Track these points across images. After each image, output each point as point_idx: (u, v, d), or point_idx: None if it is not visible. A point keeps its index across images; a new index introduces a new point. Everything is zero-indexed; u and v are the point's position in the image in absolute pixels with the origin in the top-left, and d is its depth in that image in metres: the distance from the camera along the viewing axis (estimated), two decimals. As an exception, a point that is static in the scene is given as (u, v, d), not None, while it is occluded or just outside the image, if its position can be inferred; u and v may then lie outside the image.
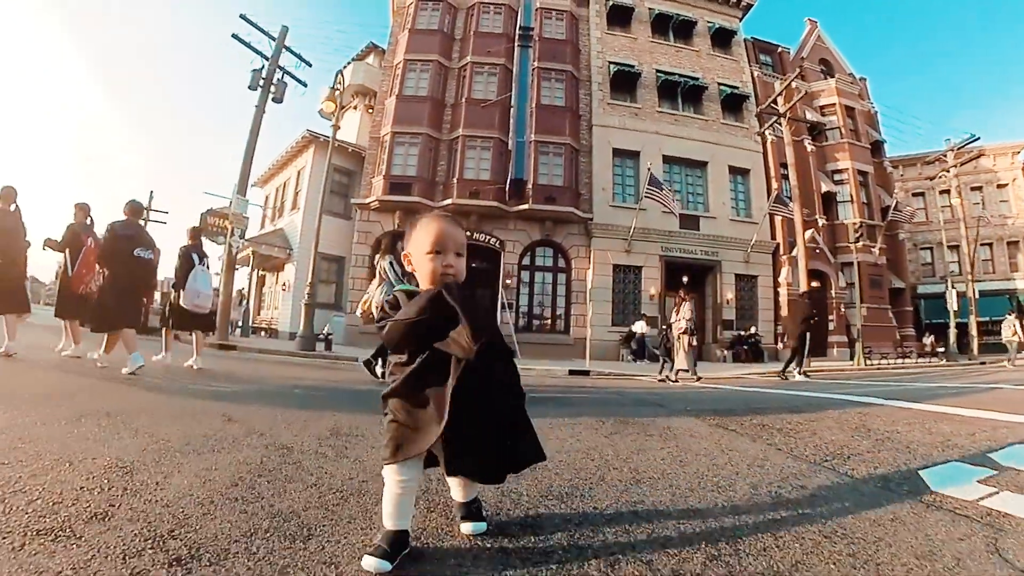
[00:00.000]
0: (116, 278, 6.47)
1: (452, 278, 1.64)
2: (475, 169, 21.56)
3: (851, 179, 26.34)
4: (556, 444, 3.40)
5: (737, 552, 1.69)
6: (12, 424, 2.99)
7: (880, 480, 2.72)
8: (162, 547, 1.55)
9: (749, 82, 25.83)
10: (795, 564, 1.62)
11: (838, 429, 4.20)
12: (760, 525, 1.97)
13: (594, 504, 2.18)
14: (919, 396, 6.94)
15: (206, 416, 3.76)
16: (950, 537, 1.89)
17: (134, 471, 2.29)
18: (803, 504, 2.27)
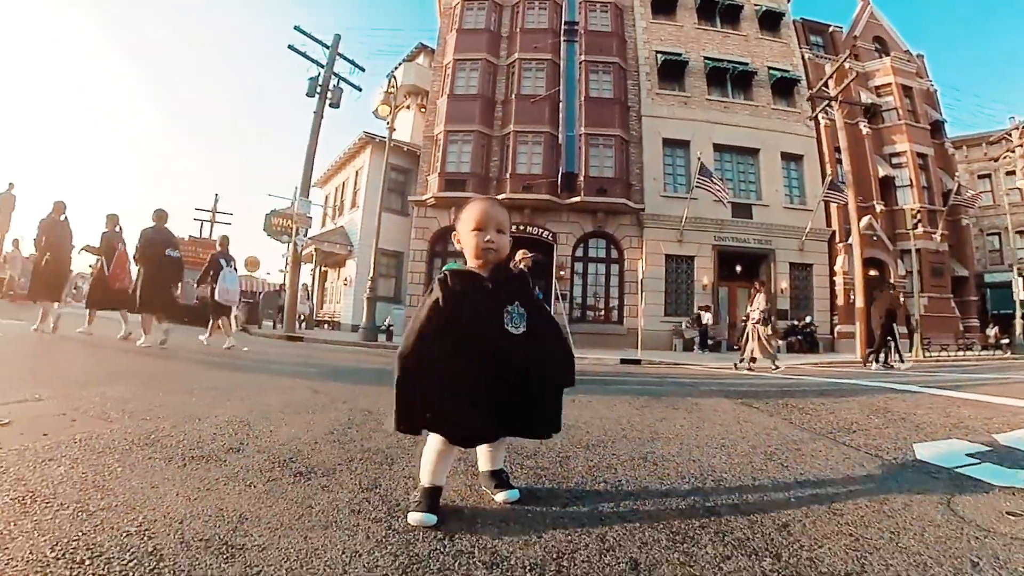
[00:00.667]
0: (149, 273, 7.94)
1: (494, 253, 1.81)
2: (527, 164, 22.00)
3: (910, 162, 25.34)
4: (592, 412, 3.99)
5: (717, 488, 2.17)
6: (141, 395, 3.64)
7: (872, 448, 2.99)
8: (287, 467, 2.17)
9: (800, 65, 25.34)
10: (761, 499, 2.06)
11: (857, 410, 4.43)
12: (746, 472, 2.44)
13: (614, 452, 2.75)
14: (960, 385, 6.83)
15: (295, 390, 4.49)
16: (909, 490, 2.20)
17: (251, 424, 2.95)
18: (790, 461, 2.65)
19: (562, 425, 1.87)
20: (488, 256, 1.81)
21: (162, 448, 2.30)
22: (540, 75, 23.26)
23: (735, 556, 1.47)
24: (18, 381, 3.64)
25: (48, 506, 1.55)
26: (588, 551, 1.49)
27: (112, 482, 1.82)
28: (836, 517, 1.83)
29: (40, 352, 5.92)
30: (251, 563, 1.29)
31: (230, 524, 1.51)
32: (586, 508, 1.85)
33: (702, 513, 1.84)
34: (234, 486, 1.87)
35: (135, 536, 1.40)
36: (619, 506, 1.88)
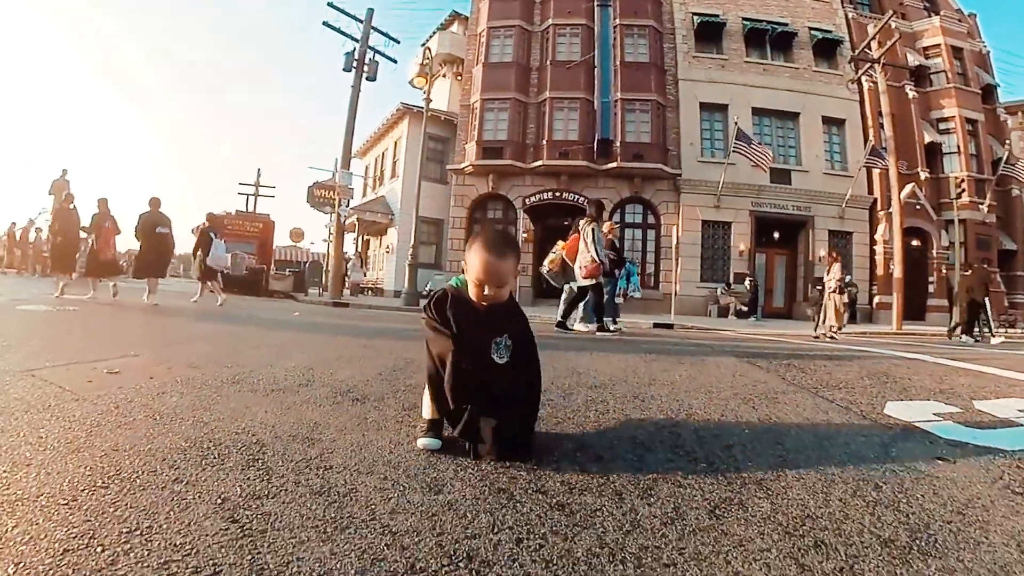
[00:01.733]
0: (144, 247, 10.17)
1: (491, 300, 1.91)
2: (563, 130, 22.17)
3: (958, 128, 24.04)
4: (603, 363, 4.53)
5: (688, 420, 2.60)
6: (216, 351, 4.23)
7: (846, 402, 3.19)
8: (346, 395, 2.75)
9: (843, 25, 24.51)
10: (721, 430, 2.45)
11: (854, 372, 4.57)
12: (718, 411, 2.85)
13: (611, 392, 3.21)
14: (975, 357, 6.53)
15: (347, 345, 5.16)
16: (854, 432, 2.47)
17: (313, 368, 3.51)
18: (761, 406, 3.01)
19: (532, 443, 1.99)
20: (484, 303, 1.92)
21: (247, 384, 2.88)
22: (575, 40, 23.24)
23: (677, 460, 1.94)
24: (104, 343, 4.24)
25: (173, 420, 2.09)
26: (563, 449, 1.99)
27: (215, 405, 2.38)
28: (777, 446, 2.20)
29: (96, 321, 6.61)
30: (327, 448, 1.85)
31: (308, 427, 2.08)
32: (573, 427, 2.35)
33: (665, 434, 2.32)
34: (307, 406, 2.45)
35: (242, 434, 1.96)
36: (600, 426, 2.40)
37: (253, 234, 21.35)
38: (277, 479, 1.54)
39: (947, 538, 1.37)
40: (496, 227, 2.86)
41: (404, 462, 1.77)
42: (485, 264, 1.85)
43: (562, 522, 1.38)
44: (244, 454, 1.74)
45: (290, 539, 1.18)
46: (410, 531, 1.27)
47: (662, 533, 1.34)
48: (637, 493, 1.61)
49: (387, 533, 1.25)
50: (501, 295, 1.92)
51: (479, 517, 1.38)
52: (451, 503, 1.46)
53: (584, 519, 1.41)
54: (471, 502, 1.47)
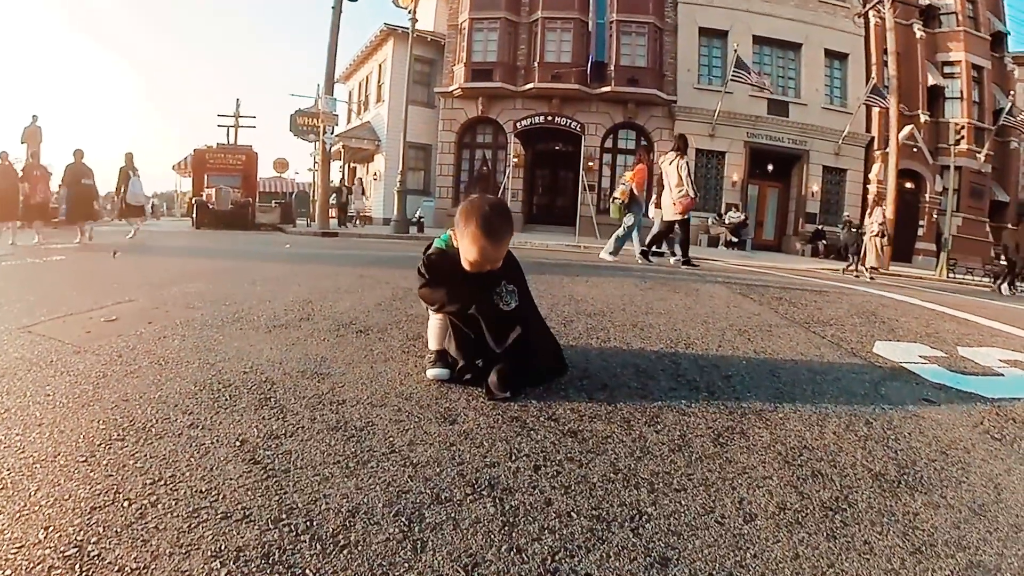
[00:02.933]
0: (72, 195, 11.29)
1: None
2: (556, 52, 21.40)
3: (963, 73, 23.22)
4: (600, 291, 4.61)
5: (687, 350, 2.69)
6: (213, 289, 4.09)
7: (837, 339, 3.26)
8: (349, 328, 2.77)
9: (853, -49, 23.36)
10: (719, 360, 2.52)
11: (843, 309, 4.62)
12: (715, 342, 2.93)
13: (611, 320, 3.29)
14: (961, 305, 6.36)
15: (342, 276, 5.11)
16: (846, 369, 2.55)
17: (312, 302, 3.52)
18: (757, 338, 3.08)
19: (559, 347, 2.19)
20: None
21: (248, 322, 2.85)
22: (570, -45, 22.00)
23: (680, 388, 2.03)
24: (97, 291, 4.02)
25: (179, 365, 2.07)
26: (569, 376, 2.04)
27: (218, 346, 2.36)
28: (773, 378, 2.29)
29: (85, 268, 6.41)
30: (337, 382, 1.89)
31: (315, 362, 2.11)
32: (576, 355, 2.39)
33: (667, 362, 2.38)
34: (312, 341, 2.46)
35: (250, 373, 1.97)
36: (602, 353, 2.45)
37: (236, 167, 20.78)
38: (292, 417, 1.56)
39: (932, 475, 1.46)
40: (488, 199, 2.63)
41: (416, 393, 1.80)
42: (482, 250, 1.80)
43: (575, 449, 1.44)
44: (255, 393, 1.76)
45: (314, 477, 1.21)
46: (430, 462, 1.32)
47: (671, 460, 1.42)
48: (644, 420, 1.68)
49: (408, 465, 1.29)
50: (498, 266, 1.90)
51: (495, 446, 1.43)
52: (467, 433, 1.50)
53: (596, 446, 1.47)
54: (486, 431, 1.52)
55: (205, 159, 21.05)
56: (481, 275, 1.88)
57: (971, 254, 21.38)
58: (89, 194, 11.50)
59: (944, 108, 23.66)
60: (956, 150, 20.06)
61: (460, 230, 1.85)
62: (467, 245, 1.82)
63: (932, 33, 23.72)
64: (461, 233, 1.84)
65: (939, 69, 23.70)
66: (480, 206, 1.83)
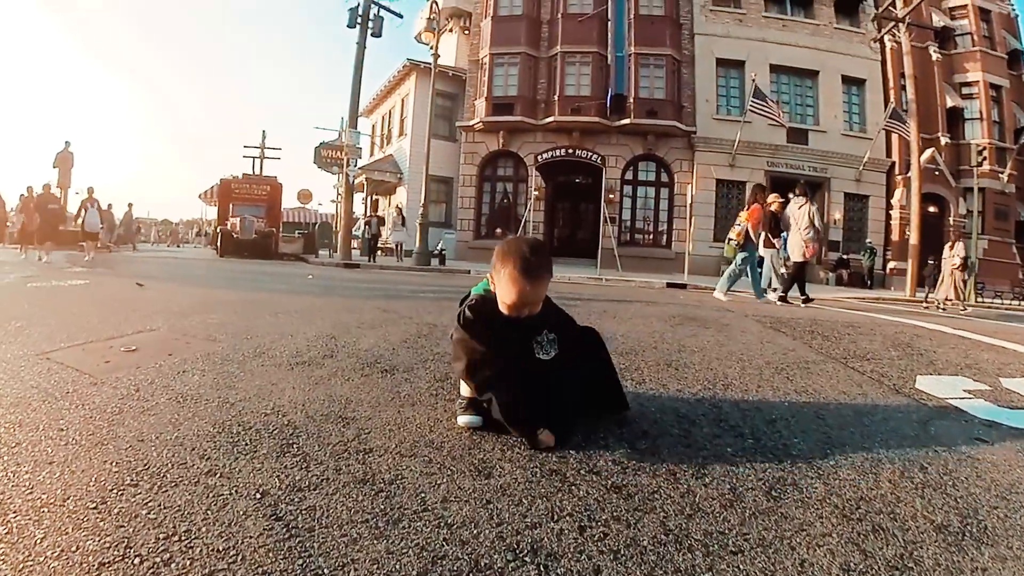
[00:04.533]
0: (43, 221, 13.21)
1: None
2: (575, 85, 21.65)
3: (982, 93, 23.15)
4: (629, 327, 4.51)
5: (726, 391, 2.56)
6: (235, 320, 4.04)
7: (877, 375, 3.12)
8: (374, 367, 2.68)
9: (866, -20, 23.50)
10: (761, 401, 2.43)
11: (879, 342, 4.46)
12: (754, 381, 2.80)
13: (643, 359, 3.17)
14: (997, 332, 6.11)
15: (366, 310, 5.03)
16: (895, 409, 2.41)
17: (336, 337, 3.45)
18: (796, 376, 2.96)
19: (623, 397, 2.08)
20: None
21: (270, 358, 2.79)
22: (588, -8, 22.42)
23: (724, 435, 1.90)
24: (119, 318, 4.00)
25: (198, 402, 1.99)
26: (606, 423, 1.93)
27: (239, 383, 2.29)
28: (819, 420, 2.17)
29: (106, 294, 6.52)
30: (362, 428, 1.79)
31: (340, 404, 2.03)
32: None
33: (707, 406, 2.26)
34: (336, 380, 2.38)
35: (271, 415, 1.88)
36: (639, 397, 2.33)
37: (261, 197, 21.11)
38: (316, 466, 1.47)
39: (996, 524, 1.36)
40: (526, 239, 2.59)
41: (447, 442, 1.70)
42: (522, 293, 1.73)
43: (622, 507, 1.34)
44: (277, 438, 1.67)
45: (340, 537, 1.12)
46: (466, 522, 1.22)
47: (723, 517, 1.31)
48: (691, 472, 1.57)
49: (443, 525, 1.19)
50: (536, 311, 1.81)
51: (536, 503, 1.32)
52: (503, 488, 1.39)
53: (643, 502, 1.37)
54: (524, 486, 1.41)
55: (231, 189, 21.42)
56: (521, 322, 1.80)
57: (999, 277, 20.94)
58: (55, 218, 13.86)
59: (964, 130, 23.44)
60: (979, 171, 19.85)
61: (497, 272, 1.77)
62: (505, 287, 1.74)
63: (948, 55, 23.67)
64: (498, 275, 1.77)
65: (957, 90, 23.55)
66: (518, 247, 1.77)
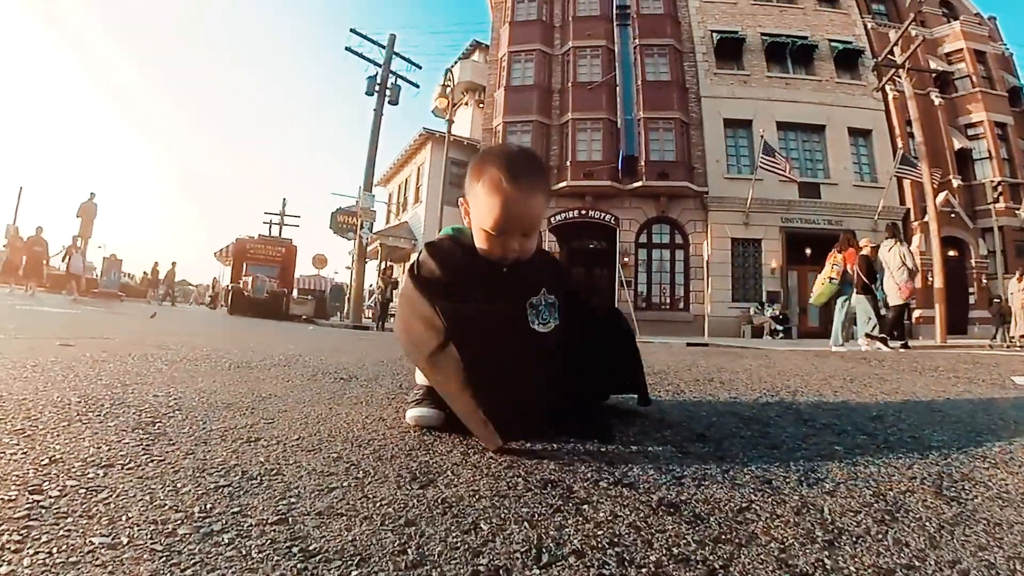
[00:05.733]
0: (28, 261, 14.67)
1: (517, 259, 1.32)
2: (587, 151, 21.79)
3: (987, 132, 22.90)
4: (653, 357, 4.05)
5: (795, 397, 2.12)
6: (197, 339, 3.71)
7: (964, 378, 2.83)
8: (332, 375, 2.37)
9: (863, 35, 23.89)
10: (844, 404, 1.97)
11: (944, 360, 4.25)
12: (825, 389, 2.32)
13: (678, 378, 2.70)
14: None
15: (354, 344, 5.01)
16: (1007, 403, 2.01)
17: (303, 356, 3.24)
18: (872, 384, 2.53)
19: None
20: (506, 263, 1.32)
21: (209, 362, 2.53)
22: (595, 62, 23.02)
23: (819, 434, 1.49)
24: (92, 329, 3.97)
25: (87, 381, 1.75)
26: (641, 426, 1.46)
27: (154, 375, 2.02)
28: (936, 413, 1.81)
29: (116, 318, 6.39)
30: (266, 418, 1.42)
31: (257, 398, 1.69)
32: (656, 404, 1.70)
33: (779, 408, 1.71)
34: (273, 382, 2.03)
35: (161, 396, 1.61)
36: (681, 404, 1.78)
37: (275, 259, 21.24)
38: (157, 445, 1.09)
39: None
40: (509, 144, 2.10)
41: (377, 440, 1.22)
42: (509, 206, 1.20)
43: (688, 538, 0.75)
44: (142, 417, 1.34)
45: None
46: (348, 551, 0.68)
47: (896, 540, 0.77)
48: (796, 478, 0.98)
49: (293, 554, 0.66)
50: (532, 246, 1.32)
51: (503, 528, 0.76)
52: (447, 502, 0.86)
53: (729, 529, 0.80)
54: (488, 500, 0.85)
55: (246, 248, 21.58)
56: (506, 273, 1.29)
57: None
58: (39, 259, 15.45)
59: (975, 170, 23.01)
60: (996, 208, 19.52)
61: (471, 189, 1.27)
62: (483, 204, 1.22)
63: (950, 98, 23.56)
64: (473, 193, 1.26)
65: (963, 132, 23.31)
66: (501, 148, 1.31)
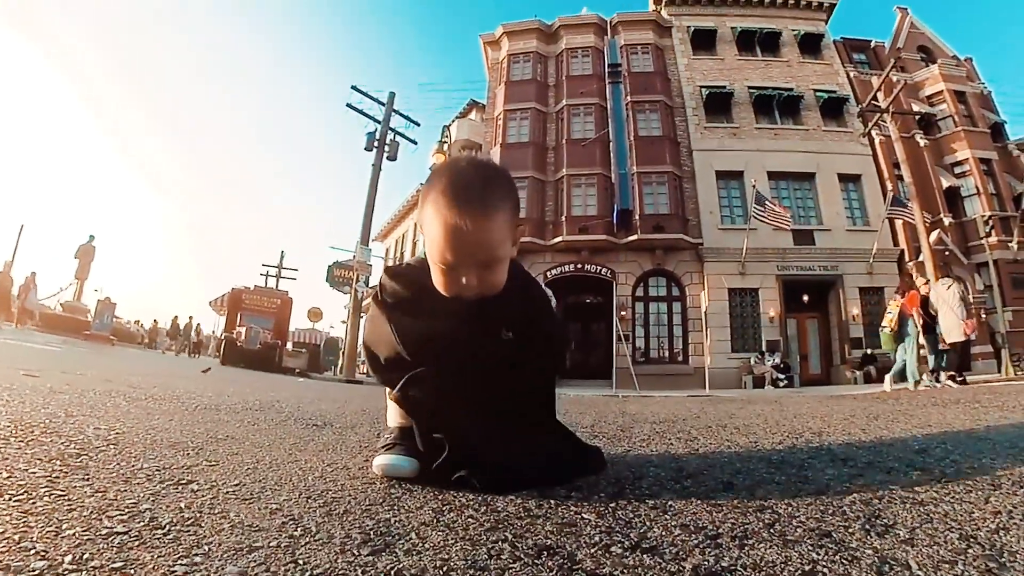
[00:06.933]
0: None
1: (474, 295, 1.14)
2: (582, 205, 22.09)
3: (974, 169, 23.27)
4: (658, 408, 3.94)
5: (820, 438, 1.94)
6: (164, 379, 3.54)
7: (996, 408, 2.81)
8: (304, 421, 2.24)
9: (846, 83, 24.69)
10: (877, 441, 1.85)
11: (963, 394, 4.36)
12: (850, 429, 2.16)
13: (686, 426, 2.48)
14: None
15: (339, 393, 4.85)
16: None
17: (280, 401, 3.00)
18: (899, 420, 2.43)
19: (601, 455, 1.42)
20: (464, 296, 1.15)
21: (176, 402, 2.44)
22: (589, 119, 23.63)
23: (867, 473, 1.29)
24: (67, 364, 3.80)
25: (37, 408, 1.57)
26: (654, 477, 1.28)
27: (103, 409, 1.89)
28: (984, 441, 1.70)
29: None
30: (213, 459, 1.25)
31: (210, 439, 1.58)
32: (652, 452, 1.53)
33: (809, 449, 1.54)
34: (236, 425, 1.87)
35: (101, 430, 1.52)
36: (695, 453, 1.62)
37: (270, 310, 21.18)
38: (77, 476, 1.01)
39: None
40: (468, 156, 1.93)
41: (334, 490, 1.07)
42: (454, 230, 1.04)
43: None
44: (73, 446, 1.25)
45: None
46: None
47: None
48: (860, 528, 0.83)
49: None
50: (495, 281, 1.12)
51: None
52: (400, 575, 0.67)
53: None
54: (460, 574, 0.68)
55: (241, 299, 21.49)
56: (469, 309, 1.12)
57: None
58: (6, 298, 16.55)
59: (964, 207, 23.23)
60: (988, 243, 19.68)
61: (422, 209, 1.12)
62: (428, 234, 1.08)
63: (934, 139, 24.01)
64: (423, 214, 1.11)
65: (949, 171, 23.65)
66: (452, 162, 1.14)
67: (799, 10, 26.24)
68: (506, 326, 1.18)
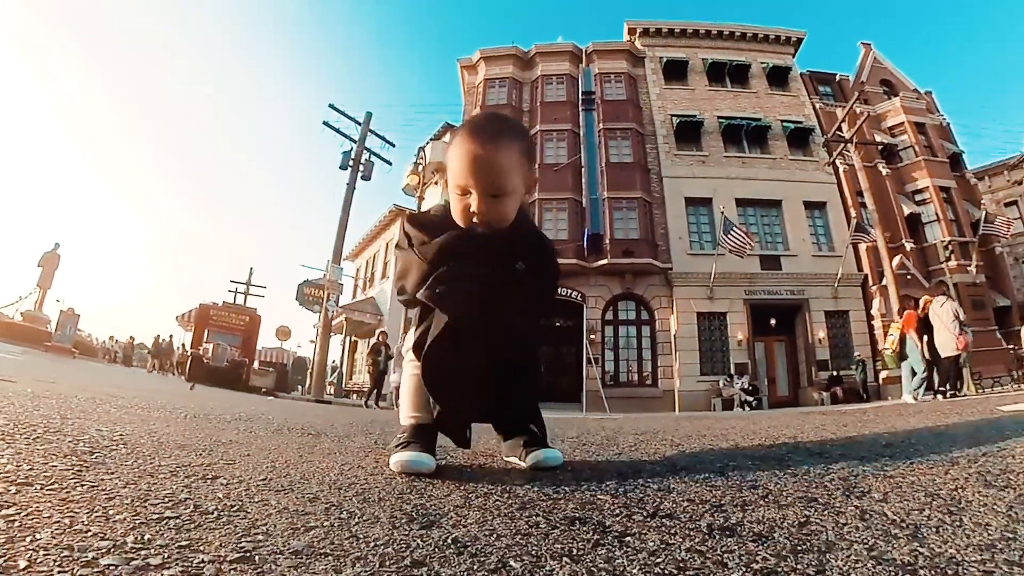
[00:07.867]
0: None
1: (482, 226, 1.27)
2: (553, 230, 22.22)
3: (934, 197, 24.44)
4: (635, 424, 3.86)
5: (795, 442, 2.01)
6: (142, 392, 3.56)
7: (955, 414, 2.98)
8: (298, 431, 2.21)
9: (812, 115, 25.64)
10: (851, 438, 2.07)
11: (929, 406, 4.52)
12: (825, 434, 2.31)
13: (667, 434, 2.53)
14: None
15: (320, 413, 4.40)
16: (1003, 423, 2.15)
17: (267, 413, 3.16)
18: (867, 427, 2.54)
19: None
20: (479, 227, 1.28)
21: (163, 411, 2.39)
22: (562, 144, 24.00)
23: (839, 461, 1.32)
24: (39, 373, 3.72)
25: (29, 411, 1.58)
26: (649, 472, 1.35)
27: (96, 414, 1.89)
28: (943, 438, 1.94)
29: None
30: (229, 459, 1.28)
31: (215, 443, 1.59)
32: (640, 457, 1.60)
33: (791, 446, 1.62)
34: (233, 432, 1.84)
35: (104, 431, 1.50)
36: (682, 454, 1.71)
37: (238, 327, 20.87)
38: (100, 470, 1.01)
39: None
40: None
41: (360, 483, 1.08)
42: (469, 156, 1.21)
43: (766, 553, 0.70)
44: (83, 444, 1.24)
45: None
46: None
47: (976, 524, 0.80)
48: (841, 494, 1.08)
49: None
50: (503, 212, 1.26)
51: (538, 564, 0.66)
52: (458, 542, 0.75)
53: (801, 540, 0.75)
54: (510, 539, 0.76)
55: (209, 315, 21.11)
56: (483, 243, 1.26)
57: (992, 364, 20.47)
58: None
59: (925, 233, 24.23)
60: (948, 267, 20.71)
61: (448, 155, 1.29)
62: (453, 167, 1.23)
63: (896, 168, 25.05)
64: (448, 165, 1.28)
65: (911, 199, 24.67)
66: (472, 116, 1.34)
67: (768, 44, 27.26)
68: (520, 258, 1.34)
